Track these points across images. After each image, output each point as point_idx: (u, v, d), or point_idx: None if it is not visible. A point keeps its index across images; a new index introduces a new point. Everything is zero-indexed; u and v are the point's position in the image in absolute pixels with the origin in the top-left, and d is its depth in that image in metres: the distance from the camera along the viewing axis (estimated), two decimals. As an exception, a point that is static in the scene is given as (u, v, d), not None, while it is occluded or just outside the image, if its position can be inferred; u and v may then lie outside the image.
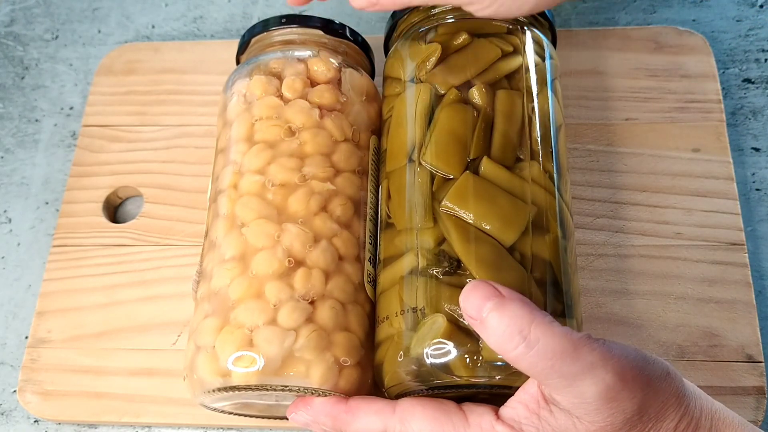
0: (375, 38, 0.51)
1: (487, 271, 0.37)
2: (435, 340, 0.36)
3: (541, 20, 0.46)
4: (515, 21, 0.44)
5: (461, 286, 0.35)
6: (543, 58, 0.44)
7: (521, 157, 0.40)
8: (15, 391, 0.50)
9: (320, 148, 0.43)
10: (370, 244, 0.43)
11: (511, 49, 0.43)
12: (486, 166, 0.39)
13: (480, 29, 0.43)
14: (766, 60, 0.56)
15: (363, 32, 0.50)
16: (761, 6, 0.58)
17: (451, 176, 0.40)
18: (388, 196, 0.43)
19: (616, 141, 0.52)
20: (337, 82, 0.45)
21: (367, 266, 0.42)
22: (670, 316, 0.46)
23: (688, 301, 0.46)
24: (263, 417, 0.44)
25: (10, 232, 0.55)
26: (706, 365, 0.45)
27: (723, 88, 0.54)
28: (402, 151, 0.42)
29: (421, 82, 0.43)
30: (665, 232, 0.48)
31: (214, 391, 0.39)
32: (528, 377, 0.35)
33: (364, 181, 0.44)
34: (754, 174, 0.52)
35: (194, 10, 0.63)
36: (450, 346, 0.36)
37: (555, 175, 0.41)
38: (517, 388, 0.36)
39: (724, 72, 0.55)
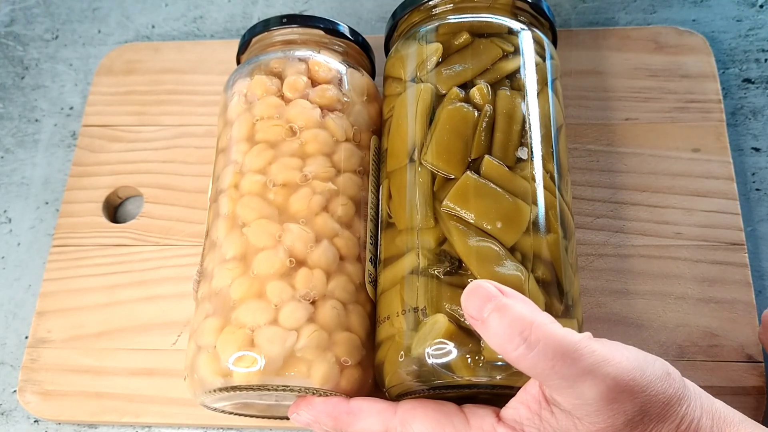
0: (375, 38, 0.51)
1: (488, 271, 0.37)
2: (436, 340, 0.36)
3: (541, 20, 0.46)
4: (516, 21, 0.44)
5: (462, 286, 0.35)
6: (543, 58, 0.44)
7: (522, 157, 0.40)
8: (15, 391, 0.50)
9: (321, 148, 0.43)
10: (371, 244, 0.43)
11: (511, 49, 0.43)
12: (487, 166, 0.39)
13: (481, 29, 0.43)
14: (766, 60, 0.56)
15: (363, 32, 0.50)
16: (761, 6, 0.58)
17: (452, 176, 0.40)
18: (389, 196, 0.43)
19: (616, 141, 0.52)
20: (338, 82, 0.45)
21: (368, 266, 0.42)
22: (670, 316, 0.46)
23: (688, 301, 0.46)
24: (264, 417, 0.44)
25: (10, 232, 0.55)
26: (706, 365, 0.45)
27: (723, 88, 0.54)
28: (403, 151, 0.42)
29: (422, 82, 0.43)
30: (665, 232, 0.48)
31: (214, 391, 0.39)
32: (529, 377, 0.35)
33: (365, 181, 0.44)
34: (754, 174, 0.52)
35: (194, 10, 0.63)
36: (451, 346, 0.36)
37: (556, 175, 0.41)
38: (519, 388, 0.36)
39: (724, 72, 0.55)
